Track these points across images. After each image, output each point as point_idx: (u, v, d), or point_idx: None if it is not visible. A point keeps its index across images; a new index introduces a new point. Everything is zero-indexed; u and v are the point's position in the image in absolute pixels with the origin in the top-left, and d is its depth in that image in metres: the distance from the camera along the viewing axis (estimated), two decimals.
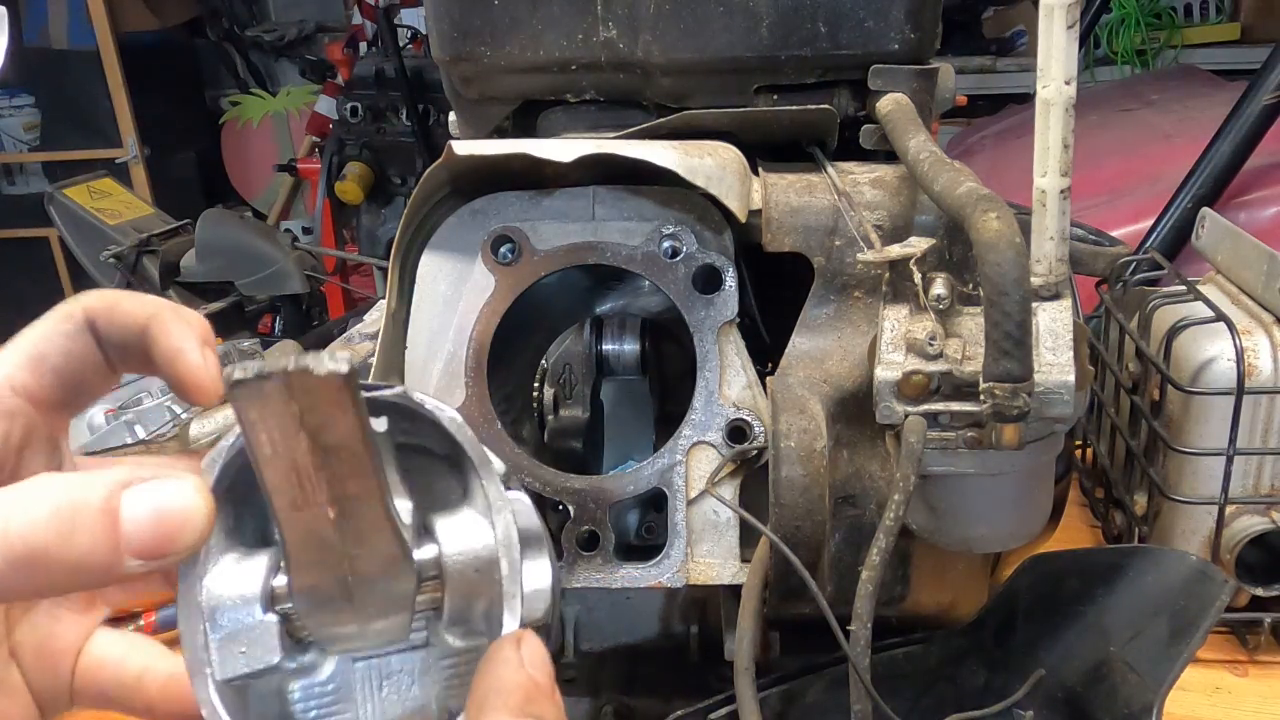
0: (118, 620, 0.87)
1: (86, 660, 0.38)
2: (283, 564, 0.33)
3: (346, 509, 0.31)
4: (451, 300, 0.64)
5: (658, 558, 0.63)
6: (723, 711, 0.64)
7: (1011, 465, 0.56)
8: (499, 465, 0.34)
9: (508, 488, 0.34)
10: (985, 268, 0.49)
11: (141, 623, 0.90)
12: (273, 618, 0.33)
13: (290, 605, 0.33)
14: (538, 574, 0.34)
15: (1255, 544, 0.81)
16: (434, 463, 0.35)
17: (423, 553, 0.34)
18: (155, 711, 0.39)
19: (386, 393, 0.33)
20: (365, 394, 0.31)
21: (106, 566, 0.29)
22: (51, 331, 0.36)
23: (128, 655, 0.38)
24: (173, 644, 0.97)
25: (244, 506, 0.34)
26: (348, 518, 0.31)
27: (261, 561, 0.33)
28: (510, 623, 0.33)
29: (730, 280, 0.62)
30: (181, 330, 0.36)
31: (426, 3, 0.71)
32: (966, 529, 0.59)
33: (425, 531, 0.34)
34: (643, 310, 0.76)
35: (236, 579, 0.33)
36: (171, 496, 0.30)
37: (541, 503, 0.63)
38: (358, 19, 3.28)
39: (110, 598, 0.39)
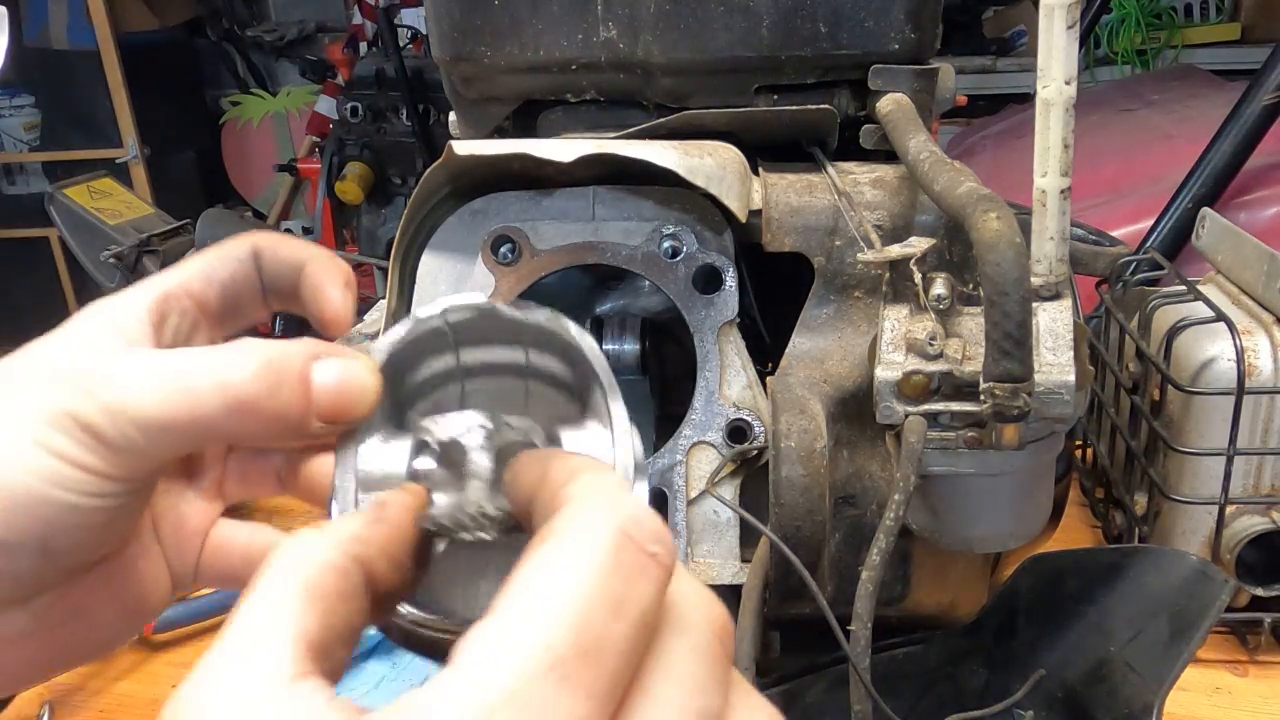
0: None
1: (212, 542, 0.41)
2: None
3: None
4: None
5: None
6: None
7: (1011, 465, 0.56)
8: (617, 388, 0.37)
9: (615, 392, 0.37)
10: (985, 268, 0.49)
11: None
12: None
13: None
14: (640, 490, 0.37)
15: (1255, 544, 0.81)
16: (557, 387, 0.38)
17: None
18: (315, 489, 0.42)
19: (537, 315, 0.36)
20: (515, 314, 0.35)
21: (299, 422, 0.35)
22: (224, 255, 0.41)
23: (253, 536, 0.42)
24: (172, 644, 0.96)
25: (390, 396, 0.37)
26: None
27: (405, 444, 0.37)
28: None
29: (730, 280, 0.62)
30: (331, 272, 0.41)
31: (426, 3, 0.71)
32: (966, 529, 0.59)
33: (551, 441, 0.37)
34: (643, 310, 0.75)
35: (385, 455, 0.37)
36: (351, 370, 0.35)
37: None
38: (358, 19, 3.28)
39: (229, 492, 0.42)
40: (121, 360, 0.34)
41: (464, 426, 0.35)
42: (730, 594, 0.64)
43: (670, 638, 0.27)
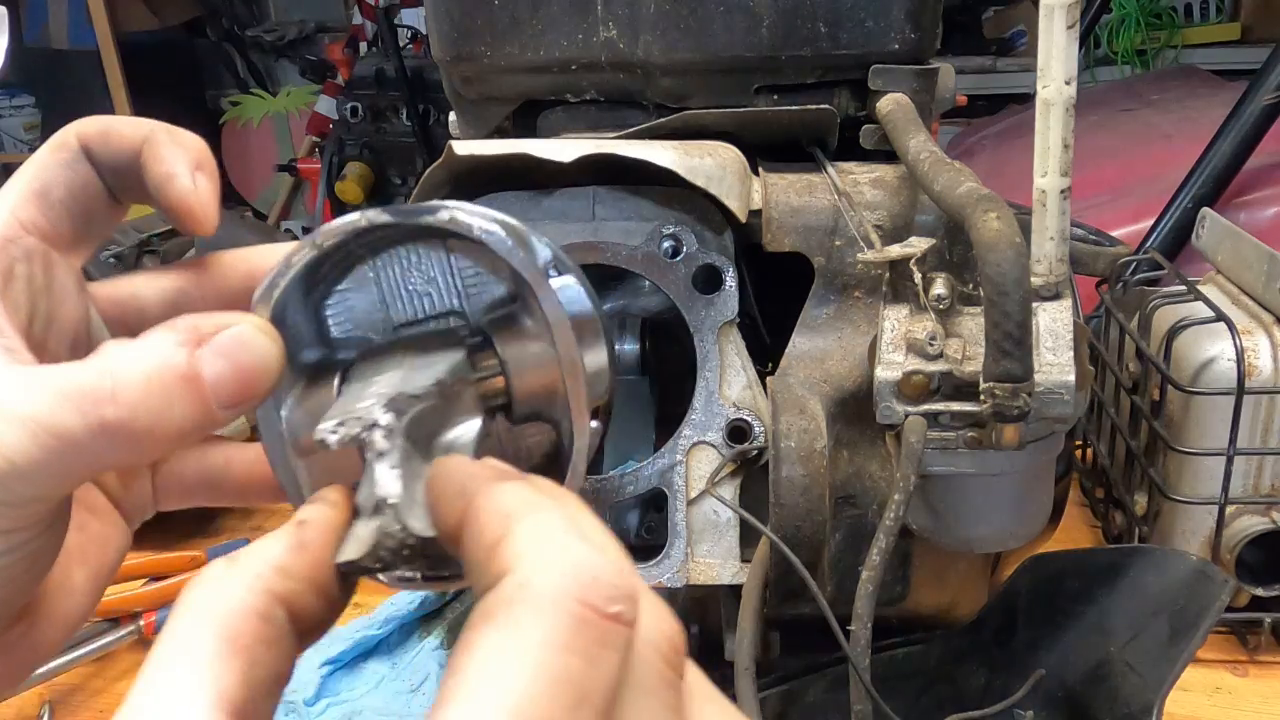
0: (114, 622, 0.88)
1: (165, 465, 0.38)
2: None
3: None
4: None
5: (658, 558, 0.63)
6: None
7: (1011, 465, 0.56)
8: (544, 253, 0.33)
9: (558, 272, 0.34)
10: (985, 268, 0.49)
11: (142, 624, 0.90)
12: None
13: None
14: (594, 358, 0.34)
15: (1255, 544, 0.81)
16: (487, 256, 0.35)
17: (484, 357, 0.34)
18: (247, 492, 0.39)
19: (437, 217, 0.32)
20: (414, 219, 0.32)
21: (202, 426, 0.30)
22: (49, 162, 0.34)
23: (206, 453, 0.38)
24: None
25: (306, 332, 0.34)
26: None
27: (330, 388, 0.34)
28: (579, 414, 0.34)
29: (730, 280, 0.62)
30: (174, 154, 0.34)
31: (426, 3, 0.71)
32: (966, 529, 0.59)
33: (482, 345, 0.35)
34: (643, 310, 0.75)
35: (312, 406, 0.34)
36: (242, 345, 0.30)
37: None
38: (358, 19, 3.28)
39: (143, 511, 0.39)
40: None
41: (359, 426, 0.30)
42: (730, 594, 0.65)
43: (625, 691, 0.24)
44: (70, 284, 0.35)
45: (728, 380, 0.63)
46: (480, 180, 0.64)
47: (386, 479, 0.30)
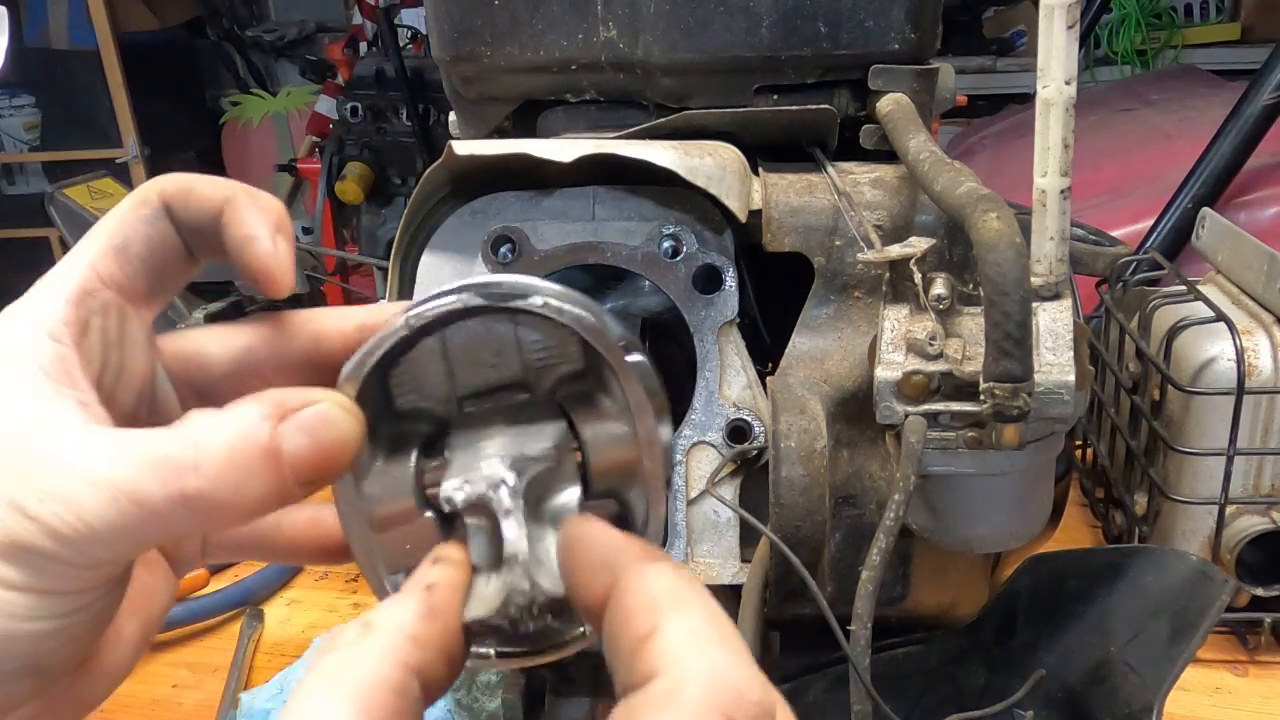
0: None
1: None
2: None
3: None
4: None
5: None
6: None
7: (1011, 465, 0.56)
8: (618, 331, 0.34)
9: (629, 349, 0.34)
10: (985, 268, 0.49)
11: None
12: (430, 514, 0.34)
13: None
14: (666, 434, 0.35)
15: (1255, 544, 0.81)
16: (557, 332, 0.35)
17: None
18: (297, 553, 0.40)
19: (530, 301, 0.33)
20: (510, 303, 0.32)
21: (278, 500, 0.30)
22: (130, 218, 0.34)
23: None
24: (172, 644, 0.96)
25: (379, 406, 0.34)
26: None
27: (409, 460, 0.34)
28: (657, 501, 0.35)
29: (730, 280, 0.62)
30: (255, 216, 0.34)
31: (426, 3, 0.71)
32: (966, 529, 0.59)
33: (567, 441, 0.35)
34: (643, 310, 0.75)
35: (389, 480, 0.34)
36: (325, 420, 0.30)
37: None
38: (358, 19, 3.28)
39: (200, 561, 0.40)
40: (57, 463, 0.29)
41: (485, 484, 0.31)
42: (730, 594, 0.65)
43: None
44: (141, 338, 0.35)
45: (728, 380, 0.63)
46: (480, 180, 0.64)
47: (515, 536, 0.31)
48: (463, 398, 0.35)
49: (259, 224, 0.34)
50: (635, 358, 0.34)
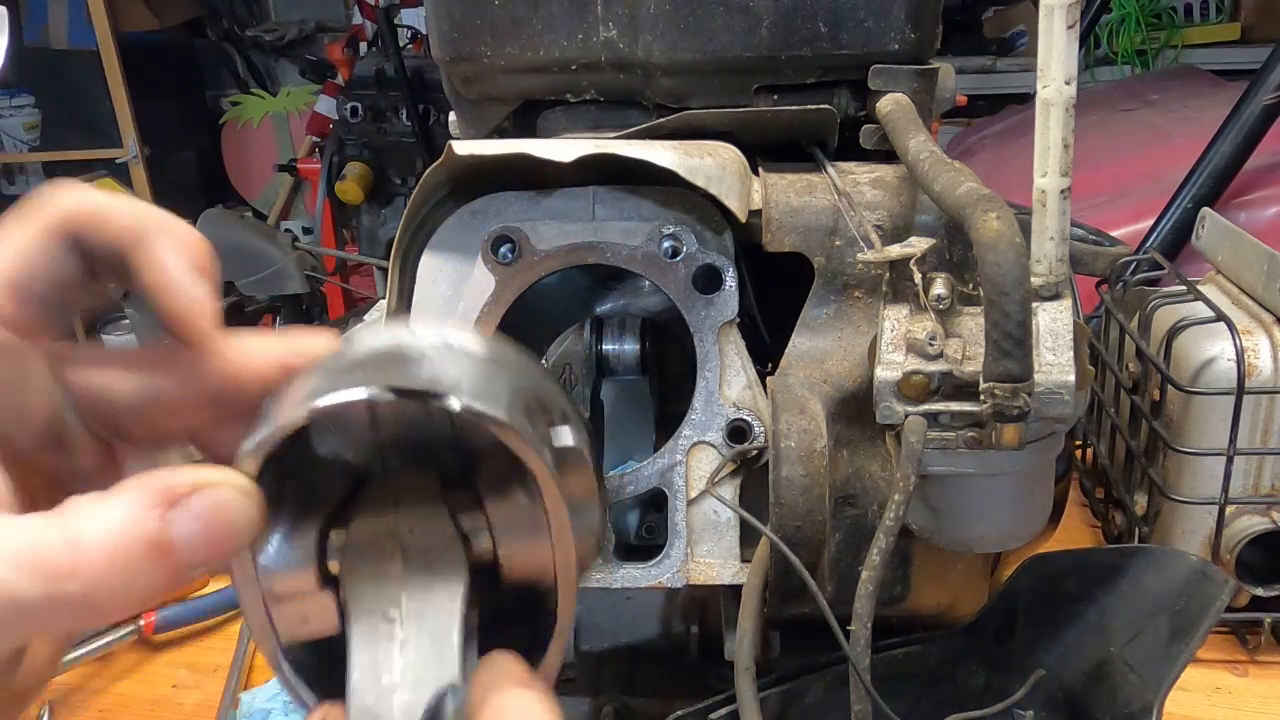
0: (115, 625, 0.88)
1: None
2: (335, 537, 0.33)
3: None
4: (451, 301, 0.64)
5: (658, 558, 0.63)
6: (723, 711, 0.64)
7: (1011, 465, 0.56)
8: (536, 431, 0.32)
9: (559, 437, 0.33)
10: (985, 268, 0.49)
11: (141, 623, 0.90)
12: (329, 593, 0.33)
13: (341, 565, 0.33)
14: (587, 543, 0.34)
15: (1255, 544, 0.81)
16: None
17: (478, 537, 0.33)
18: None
19: (446, 402, 0.30)
20: (423, 400, 0.30)
21: (170, 589, 0.28)
22: (32, 251, 0.31)
23: None
24: (172, 644, 0.96)
25: (290, 457, 0.32)
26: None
27: (312, 532, 0.33)
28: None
29: (730, 280, 0.62)
30: (171, 260, 0.32)
31: (426, 3, 0.71)
32: (966, 529, 0.59)
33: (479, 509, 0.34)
34: (643, 310, 0.75)
35: (289, 554, 0.32)
36: (220, 509, 0.28)
37: None
38: (358, 19, 3.28)
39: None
40: None
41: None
42: (730, 594, 0.65)
43: None
44: (41, 372, 0.32)
45: (728, 380, 0.63)
46: (480, 180, 0.64)
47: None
48: (385, 445, 0.33)
49: (176, 267, 0.32)
50: (565, 442, 0.32)
